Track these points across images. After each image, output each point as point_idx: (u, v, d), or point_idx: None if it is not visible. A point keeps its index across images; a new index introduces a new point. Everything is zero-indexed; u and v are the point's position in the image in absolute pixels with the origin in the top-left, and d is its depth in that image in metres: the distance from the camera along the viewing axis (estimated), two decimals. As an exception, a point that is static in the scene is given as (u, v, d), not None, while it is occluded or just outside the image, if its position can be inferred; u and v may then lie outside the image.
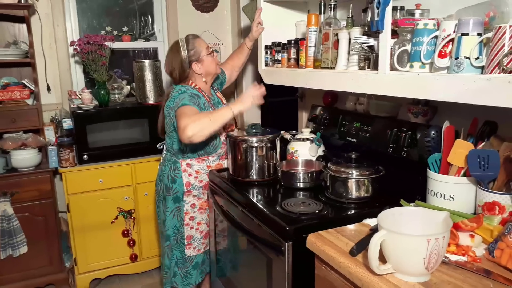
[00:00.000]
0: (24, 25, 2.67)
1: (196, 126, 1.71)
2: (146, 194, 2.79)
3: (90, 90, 2.76)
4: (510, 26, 1.05)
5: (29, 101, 2.67)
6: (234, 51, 2.44)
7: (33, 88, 2.67)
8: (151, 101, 2.81)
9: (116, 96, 2.87)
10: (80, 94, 2.72)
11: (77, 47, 2.65)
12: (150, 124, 2.78)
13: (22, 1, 2.55)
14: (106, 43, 2.70)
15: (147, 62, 2.78)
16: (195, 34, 2.09)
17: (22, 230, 2.50)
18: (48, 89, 2.91)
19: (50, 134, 2.71)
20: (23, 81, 2.68)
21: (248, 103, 1.84)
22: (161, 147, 2.18)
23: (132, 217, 2.78)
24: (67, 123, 2.65)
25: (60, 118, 2.77)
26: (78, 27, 3.05)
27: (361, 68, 1.55)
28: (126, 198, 2.75)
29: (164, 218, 2.08)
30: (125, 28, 3.20)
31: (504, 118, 1.36)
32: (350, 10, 1.70)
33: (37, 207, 2.55)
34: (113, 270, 2.80)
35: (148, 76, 2.79)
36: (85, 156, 2.62)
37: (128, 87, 3.08)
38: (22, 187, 2.51)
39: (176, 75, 2.02)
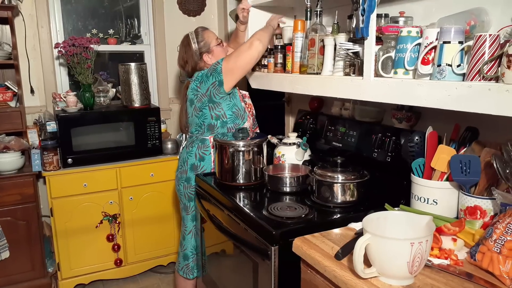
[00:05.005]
0: (8, 26, 2.62)
1: (255, 39, 1.88)
2: (131, 198, 2.77)
3: (75, 92, 2.73)
4: (490, 35, 1.08)
5: (12, 104, 2.63)
6: (230, 38, 2.44)
7: (16, 90, 2.62)
8: (137, 104, 2.79)
9: (102, 99, 2.84)
10: (65, 97, 2.69)
11: (61, 49, 2.61)
12: (135, 127, 2.76)
13: (6, 2, 2.50)
14: (91, 46, 2.67)
15: (133, 65, 2.76)
16: (204, 26, 2.12)
17: (4, 235, 2.45)
18: (32, 91, 2.87)
19: (33, 137, 2.67)
20: (6, 83, 2.64)
21: (275, 21, 2.05)
22: (181, 138, 2.22)
23: (117, 222, 2.75)
24: (51, 126, 2.61)
25: (43, 121, 2.73)
26: (63, 29, 3.01)
27: (347, 74, 1.57)
28: (111, 202, 2.72)
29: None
30: (111, 31, 3.17)
31: (484, 124, 1.39)
32: (336, 17, 1.73)
33: (19, 211, 2.51)
34: (98, 275, 2.76)
35: (134, 79, 2.77)
36: (69, 160, 2.59)
37: (114, 90, 3.05)
38: (4, 191, 2.46)
39: (189, 68, 2.06)
